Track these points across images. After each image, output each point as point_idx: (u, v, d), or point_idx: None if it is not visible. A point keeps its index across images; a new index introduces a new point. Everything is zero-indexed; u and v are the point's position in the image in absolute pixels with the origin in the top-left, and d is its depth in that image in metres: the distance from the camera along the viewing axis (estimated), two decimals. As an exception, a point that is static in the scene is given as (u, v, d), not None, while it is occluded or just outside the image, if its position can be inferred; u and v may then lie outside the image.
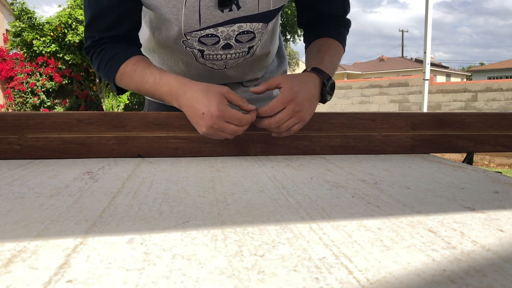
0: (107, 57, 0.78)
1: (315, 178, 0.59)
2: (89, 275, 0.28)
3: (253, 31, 0.81)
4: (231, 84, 1.00)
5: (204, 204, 0.46)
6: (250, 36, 0.82)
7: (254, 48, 0.87)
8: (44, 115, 0.73)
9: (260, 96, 1.03)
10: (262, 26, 0.82)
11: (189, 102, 0.69)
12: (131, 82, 0.77)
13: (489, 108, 7.25)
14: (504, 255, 0.32)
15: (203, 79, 0.94)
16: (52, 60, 9.39)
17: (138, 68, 0.76)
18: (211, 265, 0.30)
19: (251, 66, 0.95)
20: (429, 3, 4.55)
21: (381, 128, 0.83)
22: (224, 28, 0.78)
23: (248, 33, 0.81)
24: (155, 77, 0.74)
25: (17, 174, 0.61)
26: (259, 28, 0.82)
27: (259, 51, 0.92)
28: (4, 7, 11.19)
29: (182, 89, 0.71)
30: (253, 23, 0.79)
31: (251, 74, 0.98)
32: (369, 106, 8.60)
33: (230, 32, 0.80)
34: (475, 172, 0.66)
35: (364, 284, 0.27)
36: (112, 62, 0.78)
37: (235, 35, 0.81)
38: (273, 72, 1.05)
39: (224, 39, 0.81)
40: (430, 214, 0.43)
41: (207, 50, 0.84)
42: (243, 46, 0.85)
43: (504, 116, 0.87)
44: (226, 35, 0.80)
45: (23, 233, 0.36)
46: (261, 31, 0.83)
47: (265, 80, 1.04)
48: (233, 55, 0.86)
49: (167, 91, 0.73)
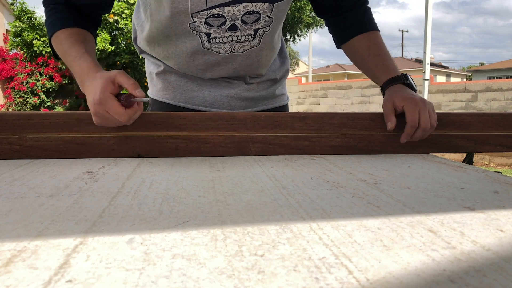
0: (55, 16, 0.81)
1: (315, 178, 0.59)
2: (89, 275, 0.28)
3: (258, 11, 0.83)
4: (235, 82, 0.99)
5: (204, 204, 0.46)
6: (256, 16, 0.84)
7: (261, 32, 0.88)
8: (44, 115, 0.73)
9: (263, 95, 1.03)
10: (268, 7, 0.83)
11: (87, 91, 0.71)
12: (59, 48, 0.79)
13: (489, 108, 7.25)
14: (504, 255, 0.32)
15: (208, 69, 0.94)
16: (52, 60, 9.39)
17: (71, 38, 0.78)
18: (211, 265, 0.30)
19: (258, 58, 0.94)
20: (429, 3, 4.55)
21: (381, 128, 0.83)
22: (230, 8, 0.80)
23: (254, 14, 0.83)
24: (77, 54, 0.75)
25: (17, 174, 0.61)
26: (264, 9, 0.83)
27: (266, 41, 0.92)
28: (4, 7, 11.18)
29: (87, 77, 0.72)
30: (259, 3, 0.81)
31: (256, 69, 0.98)
32: (369, 106, 8.59)
33: (236, 12, 0.81)
34: (475, 172, 0.66)
35: (364, 284, 0.27)
36: (55, 22, 0.80)
37: (241, 15, 0.82)
38: (275, 71, 1.05)
39: (230, 20, 0.82)
40: (430, 214, 0.43)
41: (214, 32, 0.85)
42: (249, 28, 0.86)
43: (504, 116, 0.87)
44: (232, 15, 0.82)
45: (23, 233, 0.36)
46: (267, 12, 0.84)
47: (268, 78, 1.03)
48: (239, 37, 0.87)
49: (78, 73, 0.74)
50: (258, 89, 1.02)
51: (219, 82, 0.98)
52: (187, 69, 0.95)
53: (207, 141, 0.77)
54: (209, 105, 0.98)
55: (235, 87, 0.99)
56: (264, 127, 0.78)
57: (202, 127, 0.77)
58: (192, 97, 0.98)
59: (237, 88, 0.99)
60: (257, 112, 0.80)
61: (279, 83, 1.08)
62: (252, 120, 0.78)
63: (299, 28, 12.62)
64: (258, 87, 1.02)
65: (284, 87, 1.11)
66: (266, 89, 1.04)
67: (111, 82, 0.68)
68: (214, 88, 0.97)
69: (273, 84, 1.06)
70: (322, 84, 9.71)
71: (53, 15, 0.81)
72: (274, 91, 1.06)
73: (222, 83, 0.98)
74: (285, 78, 1.10)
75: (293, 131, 0.80)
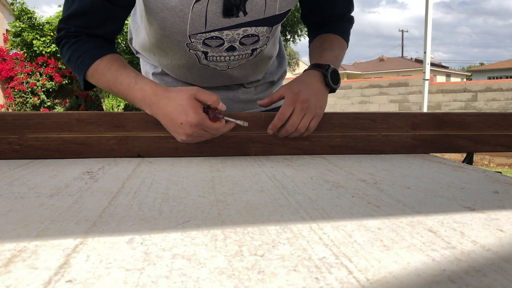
0: (82, 50, 0.76)
1: (315, 178, 0.59)
2: (89, 275, 0.28)
3: (257, 34, 0.82)
4: (233, 86, 1.00)
5: (204, 204, 0.46)
6: (255, 39, 0.83)
7: (258, 51, 0.88)
8: (44, 115, 0.73)
9: (261, 97, 1.03)
10: (267, 30, 0.82)
11: (164, 112, 0.68)
12: (104, 80, 0.75)
13: (489, 108, 7.25)
14: (504, 255, 0.32)
15: (205, 80, 0.94)
16: (52, 60, 9.40)
17: (113, 67, 0.74)
18: (211, 265, 0.30)
19: (253, 68, 0.95)
20: (429, 3, 4.55)
21: (381, 128, 0.83)
22: (229, 32, 0.78)
23: (253, 36, 0.82)
24: (130, 80, 0.72)
25: (17, 174, 0.61)
26: (263, 32, 0.82)
27: (263, 55, 0.92)
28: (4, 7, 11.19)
29: (156, 98, 0.69)
30: (258, 27, 0.80)
31: (253, 76, 0.99)
32: (369, 106, 8.59)
33: (235, 35, 0.80)
34: (475, 172, 0.66)
35: (364, 284, 0.27)
36: (86, 56, 0.75)
37: (239, 38, 0.81)
38: (273, 73, 1.05)
39: (228, 42, 0.81)
40: (430, 214, 0.43)
41: (211, 52, 0.83)
42: (247, 49, 0.85)
43: (504, 116, 0.87)
44: (231, 38, 0.80)
45: (23, 233, 0.36)
46: (266, 34, 0.83)
47: (265, 80, 1.04)
48: (236, 57, 0.86)
49: (140, 97, 0.71)
50: (256, 92, 1.03)
51: (218, 84, 0.99)
52: (183, 78, 0.96)
53: (207, 141, 0.77)
54: None
55: (233, 90, 1.00)
56: (264, 127, 0.78)
57: (202, 127, 0.77)
58: None
59: (235, 91, 1.00)
60: (257, 112, 0.80)
61: (276, 85, 1.08)
62: (252, 120, 0.78)
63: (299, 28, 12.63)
64: (256, 90, 1.03)
65: None
66: (264, 91, 1.05)
67: (196, 101, 0.67)
68: (212, 90, 0.97)
69: (271, 86, 1.07)
70: (322, 84, 9.69)
71: (79, 49, 0.76)
72: (272, 93, 1.06)
73: (220, 87, 0.99)
74: (282, 79, 1.10)
75: (293, 131, 0.80)
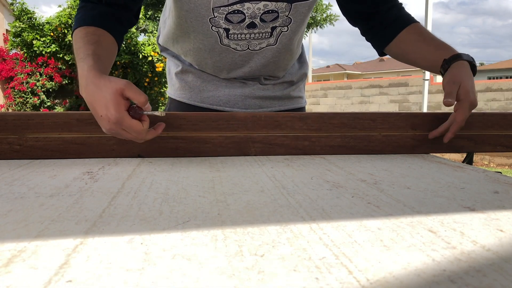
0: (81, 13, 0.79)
1: (315, 178, 0.59)
2: (89, 275, 0.28)
3: (277, 10, 0.85)
4: (249, 82, 1.00)
5: (204, 204, 0.46)
6: (274, 15, 0.86)
7: (277, 31, 0.90)
8: (44, 115, 0.73)
9: (278, 96, 1.03)
10: (286, 6, 0.85)
11: (89, 99, 0.66)
12: (74, 47, 0.77)
13: (489, 108, 7.25)
14: (504, 255, 0.32)
15: (224, 66, 0.96)
16: (52, 60, 9.39)
17: (86, 37, 0.75)
18: (211, 265, 0.30)
19: (274, 59, 0.96)
20: (429, 3, 4.55)
21: (381, 128, 0.83)
22: (250, 4, 0.82)
23: (272, 13, 0.85)
24: (84, 54, 0.71)
25: (17, 174, 0.61)
26: (282, 8, 0.85)
27: (284, 43, 0.93)
28: (4, 7, 11.18)
29: (86, 81, 0.67)
30: (278, 3, 0.84)
31: (271, 70, 0.99)
32: (369, 106, 8.59)
33: (255, 10, 0.84)
34: (475, 172, 0.66)
35: (364, 284, 0.27)
36: (78, 20, 0.79)
37: (260, 14, 0.85)
38: (293, 74, 1.07)
39: (249, 17, 0.85)
40: (430, 214, 0.43)
41: (233, 29, 0.87)
42: (267, 26, 0.88)
43: (504, 116, 0.87)
44: (252, 13, 0.84)
45: (23, 233, 0.36)
46: (285, 12, 0.86)
47: (284, 80, 1.04)
48: (256, 35, 0.89)
49: (79, 74, 0.70)
50: (274, 90, 1.04)
51: (233, 82, 1.00)
52: (204, 65, 0.98)
53: (207, 141, 0.77)
54: (224, 104, 1.00)
55: (249, 87, 1.01)
56: (264, 127, 0.78)
57: (202, 127, 0.77)
58: (207, 96, 1.00)
59: (251, 88, 1.01)
60: (257, 112, 0.80)
61: (295, 85, 1.08)
62: (252, 120, 0.78)
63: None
64: (274, 88, 1.04)
65: (301, 91, 1.11)
66: (282, 90, 1.05)
67: (121, 97, 0.63)
68: (229, 88, 1.00)
69: (289, 86, 1.07)
70: (322, 84, 9.70)
71: (80, 13, 0.79)
72: (290, 93, 1.06)
73: (237, 83, 1.00)
74: (302, 81, 1.11)
75: (293, 131, 0.80)
